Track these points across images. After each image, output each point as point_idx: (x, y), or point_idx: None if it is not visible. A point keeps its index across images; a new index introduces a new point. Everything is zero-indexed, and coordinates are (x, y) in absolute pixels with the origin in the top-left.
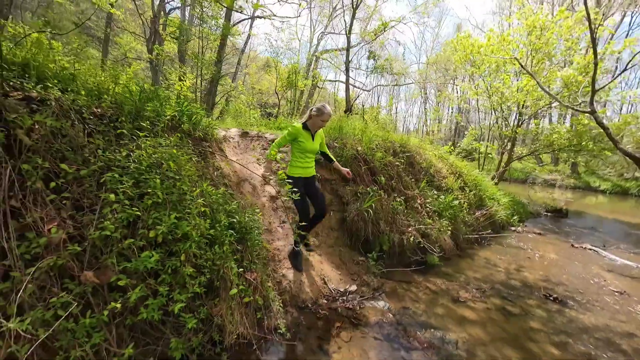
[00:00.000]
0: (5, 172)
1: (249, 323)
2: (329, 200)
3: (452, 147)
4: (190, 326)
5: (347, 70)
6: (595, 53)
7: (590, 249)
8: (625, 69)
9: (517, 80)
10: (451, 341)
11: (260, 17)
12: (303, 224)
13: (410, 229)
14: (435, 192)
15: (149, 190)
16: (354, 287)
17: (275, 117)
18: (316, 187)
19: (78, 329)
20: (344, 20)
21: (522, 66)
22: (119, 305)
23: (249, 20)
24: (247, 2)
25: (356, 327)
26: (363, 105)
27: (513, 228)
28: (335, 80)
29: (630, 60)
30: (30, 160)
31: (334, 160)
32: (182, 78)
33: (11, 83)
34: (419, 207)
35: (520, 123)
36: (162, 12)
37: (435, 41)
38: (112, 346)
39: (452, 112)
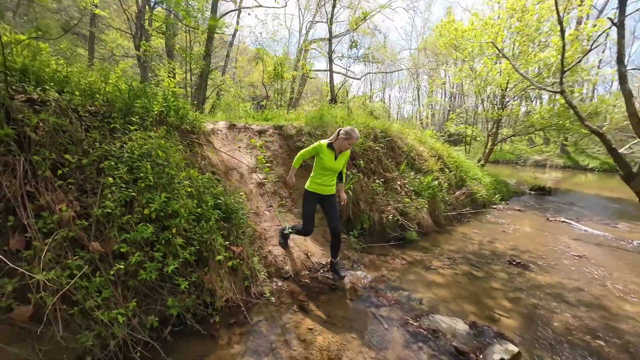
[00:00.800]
0: (19, 163)
1: (237, 289)
2: None
3: (434, 132)
4: (183, 287)
5: (330, 60)
6: (562, 36)
7: (563, 222)
8: (589, 50)
9: (501, 63)
10: (416, 299)
11: (246, 8)
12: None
13: (389, 208)
14: (416, 174)
15: (142, 175)
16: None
17: (265, 109)
18: (333, 207)
19: (91, 286)
20: (325, 11)
21: (498, 50)
22: (122, 266)
23: (236, 12)
24: None
25: (334, 292)
26: (347, 94)
27: (494, 206)
28: (325, 70)
29: (593, 42)
30: (39, 152)
31: (343, 182)
32: (171, 74)
33: (14, 87)
34: (399, 188)
35: (504, 105)
36: (147, 7)
37: (426, 26)
38: (119, 300)
39: (444, 98)
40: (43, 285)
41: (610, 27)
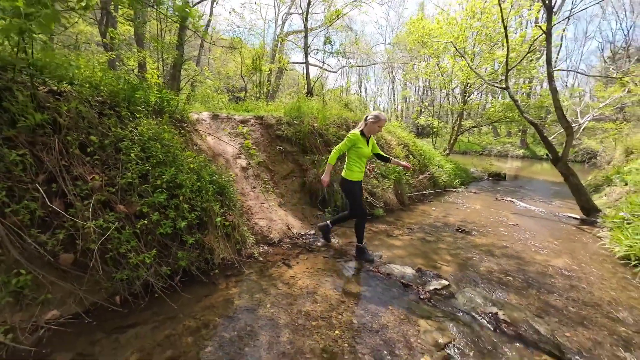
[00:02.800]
0: (54, 142)
1: (232, 251)
2: (291, 169)
3: (402, 123)
4: (190, 242)
5: (305, 55)
6: (506, 38)
7: (509, 201)
8: (528, 52)
9: (462, 61)
10: (377, 255)
11: None
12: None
13: None
14: None
15: (153, 154)
16: (312, 232)
17: (243, 101)
18: (361, 189)
19: (122, 236)
20: (300, 7)
21: (457, 49)
22: (146, 222)
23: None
24: None
25: (310, 252)
26: (322, 87)
27: (454, 189)
28: (302, 63)
29: (531, 44)
30: (69, 134)
31: (390, 158)
32: (142, 64)
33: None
34: (368, 172)
35: (465, 100)
36: None
37: (400, 20)
38: (142, 250)
39: (416, 92)
40: (88, 234)
41: (541, 34)
